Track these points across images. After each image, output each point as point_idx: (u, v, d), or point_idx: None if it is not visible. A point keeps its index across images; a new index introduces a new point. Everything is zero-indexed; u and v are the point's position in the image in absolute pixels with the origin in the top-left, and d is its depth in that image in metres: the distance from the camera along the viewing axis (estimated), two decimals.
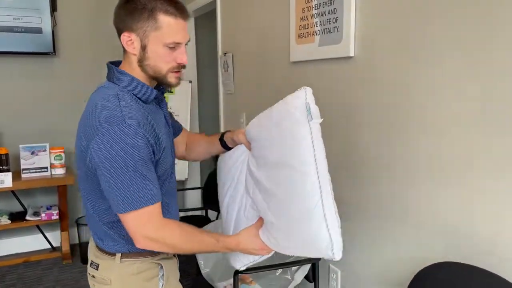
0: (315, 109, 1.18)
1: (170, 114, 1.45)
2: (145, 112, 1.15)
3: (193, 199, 4.10)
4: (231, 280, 1.80)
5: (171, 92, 3.64)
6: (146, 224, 1.12)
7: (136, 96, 1.18)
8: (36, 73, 3.55)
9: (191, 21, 3.92)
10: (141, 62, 1.17)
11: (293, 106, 1.20)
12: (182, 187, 4.03)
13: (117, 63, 1.25)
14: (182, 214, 3.02)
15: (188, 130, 3.53)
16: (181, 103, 3.62)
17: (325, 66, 1.98)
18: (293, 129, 1.18)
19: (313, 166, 1.14)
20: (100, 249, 1.26)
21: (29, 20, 3.35)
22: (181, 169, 3.59)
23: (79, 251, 3.42)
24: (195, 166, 4.03)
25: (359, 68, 1.76)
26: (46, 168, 3.28)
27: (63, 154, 3.32)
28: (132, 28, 1.14)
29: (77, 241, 3.47)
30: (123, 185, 1.07)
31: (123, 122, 1.07)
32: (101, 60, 2.51)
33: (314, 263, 1.89)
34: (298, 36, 2.12)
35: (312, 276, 1.91)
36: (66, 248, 3.38)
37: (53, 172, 3.29)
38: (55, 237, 3.58)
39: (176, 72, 1.19)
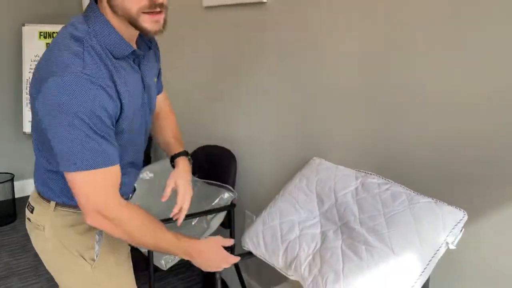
0: (458, 238, 1.12)
1: (159, 74, 1.28)
2: (110, 68, 0.97)
3: None
4: None
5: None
6: (100, 194, 0.98)
7: (106, 47, 0.98)
8: None
9: None
10: (111, 5, 0.96)
11: (444, 220, 1.12)
12: None
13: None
14: None
15: None
16: None
17: (239, 11, 1.92)
18: (432, 235, 1.11)
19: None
20: (38, 192, 1.16)
21: None
22: None
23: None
24: None
25: (273, 14, 1.74)
26: None
27: None
28: None
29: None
30: (71, 140, 0.91)
31: (81, 72, 0.91)
32: None
33: (229, 211, 1.92)
34: None
35: (228, 223, 1.95)
36: None
37: None
38: None
39: (150, 13, 0.95)
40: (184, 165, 1.28)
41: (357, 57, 1.43)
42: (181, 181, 1.24)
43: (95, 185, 0.97)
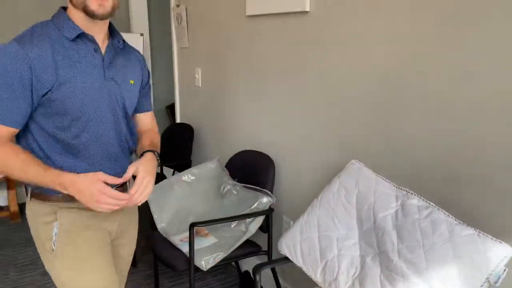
0: (502, 278, 1.07)
1: (148, 88, 1.41)
2: (54, 43, 1.13)
3: None
4: (187, 233, 1.84)
5: None
6: None
7: (58, 28, 1.16)
8: None
9: None
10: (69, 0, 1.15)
11: (487, 256, 1.08)
12: None
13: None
14: None
15: None
16: None
17: (281, 20, 1.97)
18: (473, 273, 1.08)
19: None
20: None
21: None
22: None
23: None
24: None
25: (314, 23, 1.77)
26: None
27: None
28: None
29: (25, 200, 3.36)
30: None
31: (8, 43, 1.09)
32: None
33: (268, 215, 1.96)
34: None
35: (266, 227, 1.98)
36: (14, 207, 3.27)
37: None
38: (2, 196, 3.44)
39: None
40: (149, 157, 1.27)
41: (391, 66, 1.43)
42: (142, 167, 1.20)
43: None
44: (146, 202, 2.05)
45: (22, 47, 1.08)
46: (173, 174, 3.26)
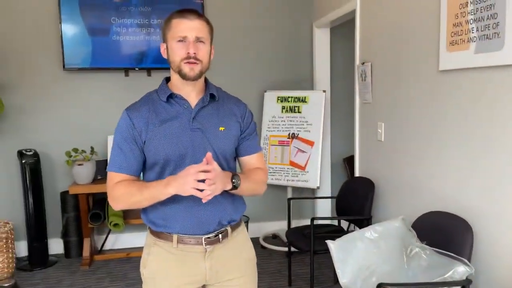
0: None
1: (250, 133, 1.53)
2: (153, 105, 1.43)
3: (324, 208, 4.12)
4: None
5: (305, 101, 3.74)
6: (109, 183, 1.42)
7: (157, 93, 1.46)
8: None
9: (326, 31, 3.98)
10: (169, 62, 1.42)
11: None
12: (313, 195, 4.09)
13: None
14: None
15: (320, 139, 3.61)
16: (314, 112, 3.69)
17: (482, 75, 1.84)
18: None
19: None
20: None
21: None
22: (313, 178, 3.65)
23: None
24: (326, 175, 4.05)
25: None
26: None
27: None
28: (163, 39, 1.45)
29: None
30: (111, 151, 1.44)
31: (124, 110, 1.43)
32: None
33: (464, 286, 1.75)
34: (450, 43, 2.01)
35: None
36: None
37: None
38: None
39: (188, 62, 1.37)
40: (227, 172, 1.39)
41: None
42: (217, 167, 1.33)
43: (109, 179, 1.43)
44: (329, 254, 2.08)
45: (128, 111, 1.42)
46: (348, 227, 3.24)
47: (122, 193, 1.39)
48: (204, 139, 1.42)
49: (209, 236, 1.43)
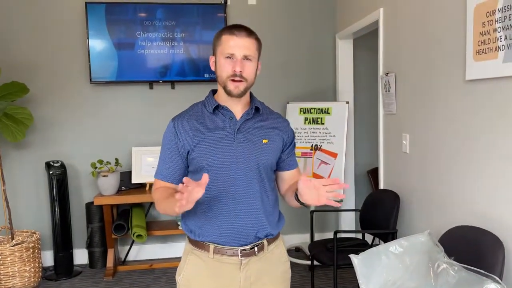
0: None
1: (291, 149, 1.57)
2: (198, 115, 1.47)
3: (348, 221, 4.05)
4: None
5: (328, 113, 3.71)
6: (153, 188, 1.51)
7: (204, 104, 1.50)
8: None
9: (349, 42, 3.96)
10: (216, 76, 1.46)
11: None
12: (336, 208, 4.02)
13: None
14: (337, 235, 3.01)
15: (344, 151, 3.56)
16: (337, 124, 3.65)
17: (511, 84, 1.77)
18: None
19: None
20: None
21: None
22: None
23: None
24: (350, 187, 3.98)
25: None
26: None
27: None
28: (213, 51, 1.48)
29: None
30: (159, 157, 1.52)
31: (170, 119, 1.49)
32: None
33: None
34: (477, 52, 1.95)
35: None
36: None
37: None
38: None
39: (233, 80, 1.40)
40: None
41: None
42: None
43: (154, 184, 1.51)
44: (353, 269, 2.03)
45: (173, 121, 1.47)
46: (372, 241, 3.16)
47: (157, 198, 1.46)
48: (247, 150, 1.45)
49: (245, 248, 1.44)
